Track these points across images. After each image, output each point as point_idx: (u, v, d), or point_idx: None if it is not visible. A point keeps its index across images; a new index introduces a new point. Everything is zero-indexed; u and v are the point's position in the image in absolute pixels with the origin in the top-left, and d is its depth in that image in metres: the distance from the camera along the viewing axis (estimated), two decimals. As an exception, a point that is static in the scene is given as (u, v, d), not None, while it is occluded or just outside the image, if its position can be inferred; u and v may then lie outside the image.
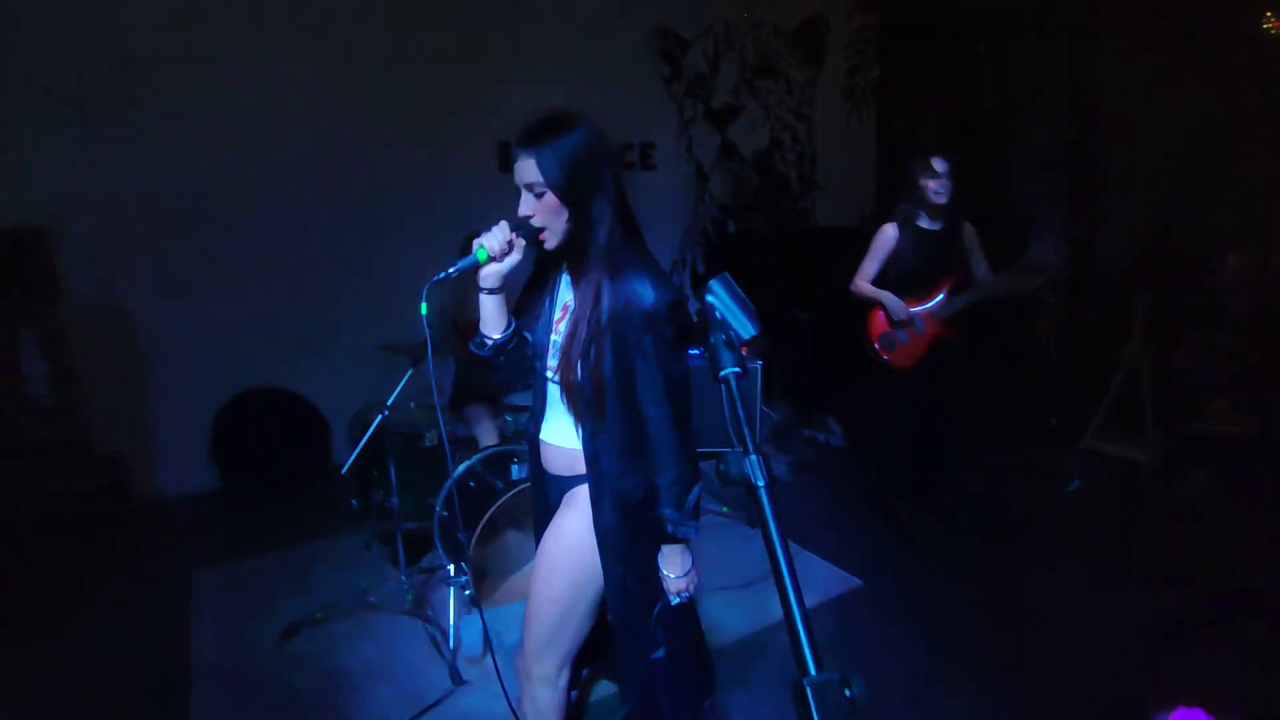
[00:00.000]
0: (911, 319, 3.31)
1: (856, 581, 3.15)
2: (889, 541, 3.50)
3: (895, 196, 3.37)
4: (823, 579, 3.19)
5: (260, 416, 4.17)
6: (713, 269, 5.76)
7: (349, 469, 2.84)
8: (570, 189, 1.55)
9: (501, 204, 4.78)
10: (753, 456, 0.90)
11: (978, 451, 4.19)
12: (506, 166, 4.75)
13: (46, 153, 3.53)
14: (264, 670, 2.66)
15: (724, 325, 1.00)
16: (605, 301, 1.56)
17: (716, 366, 0.97)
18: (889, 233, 3.31)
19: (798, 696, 0.76)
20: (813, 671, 0.78)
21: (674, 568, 1.68)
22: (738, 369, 0.97)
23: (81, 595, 3.11)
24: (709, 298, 1.04)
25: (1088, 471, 3.98)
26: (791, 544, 3.25)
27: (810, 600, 2.95)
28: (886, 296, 3.31)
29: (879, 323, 3.43)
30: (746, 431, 0.93)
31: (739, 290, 1.04)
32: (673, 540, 1.64)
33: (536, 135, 1.60)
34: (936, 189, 3.15)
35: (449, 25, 4.51)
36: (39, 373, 2.86)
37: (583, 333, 1.59)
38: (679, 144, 5.52)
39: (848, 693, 0.76)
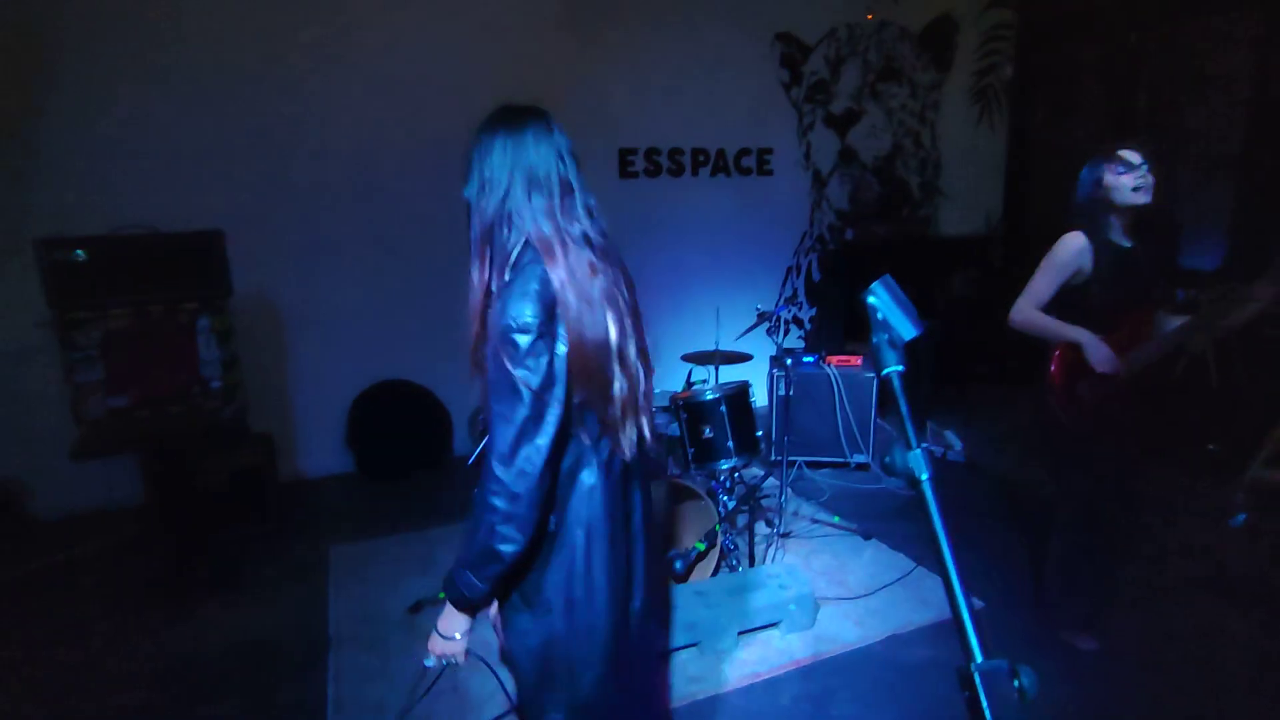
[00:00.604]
0: (1119, 369, 2.44)
1: (977, 603, 3.01)
2: (1017, 563, 3.33)
3: (1029, 206, 3.11)
4: (939, 598, 3.06)
5: (390, 407, 4.47)
6: (828, 276, 5.68)
7: (474, 461, 2.99)
8: (469, 180, 1.54)
9: (620, 208, 4.93)
10: (917, 450, 0.91)
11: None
12: (625, 173, 4.98)
13: (221, 165, 3.96)
14: (392, 642, 2.85)
15: (886, 326, 1.04)
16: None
17: (880, 365, 1.00)
18: (1077, 244, 2.43)
19: (966, 682, 0.76)
20: (980, 659, 0.78)
21: (441, 623, 1.46)
22: (900, 367, 1.00)
23: (241, 561, 3.45)
24: (871, 299, 1.07)
25: (1255, 505, 3.62)
26: (908, 560, 3.15)
27: (927, 617, 2.88)
28: (1084, 336, 2.45)
29: (1069, 368, 2.53)
30: (910, 426, 0.94)
31: (900, 292, 1.07)
32: (451, 588, 1.42)
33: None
34: (1135, 184, 2.37)
35: (571, 32, 4.67)
36: (213, 357, 3.20)
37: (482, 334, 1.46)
38: (797, 149, 5.47)
39: (1016, 683, 0.76)
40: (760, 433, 3.31)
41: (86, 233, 3.16)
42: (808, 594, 2.85)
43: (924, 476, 0.92)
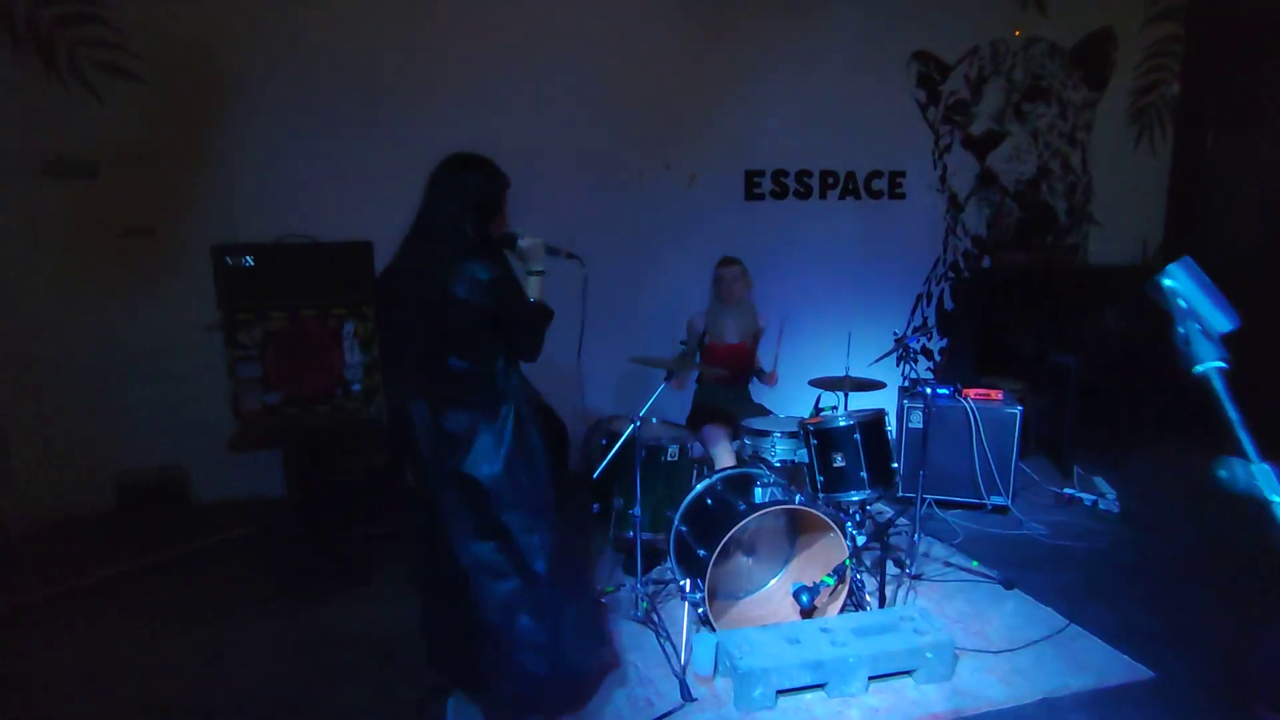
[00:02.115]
0: None
1: (1146, 672, 2.68)
2: (1189, 627, 2.95)
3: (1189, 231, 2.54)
4: (1100, 661, 2.76)
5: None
6: (961, 305, 5.37)
7: (598, 475, 2.99)
8: None
9: (745, 230, 4.87)
10: (1265, 465, 0.74)
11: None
12: (751, 195, 4.92)
13: (374, 181, 4.20)
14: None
15: (1193, 314, 0.85)
16: None
17: (1191, 360, 0.81)
18: None
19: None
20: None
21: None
22: (1222, 363, 0.81)
23: (370, 558, 3.58)
24: (1168, 282, 0.89)
25: None
26: (1058, 615, 2.86)
27: (1085, 683, 2.60)
28: None
29: None
30: (1245, 436, 0.77)
31: (1205, 276, 0.90)
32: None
33: None
34: None
35: (700, 53, 4.68)
36: (355, 361, 3.37)
37: None
38: (932, 172, 5.24)
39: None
40: (895, 465, 3.13)
41: (254, 241, 3.41)
42: (946, 642, 2.64)
43: (1276, 498, 0.74)
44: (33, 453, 3.89)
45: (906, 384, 4.04)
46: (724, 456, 3.46)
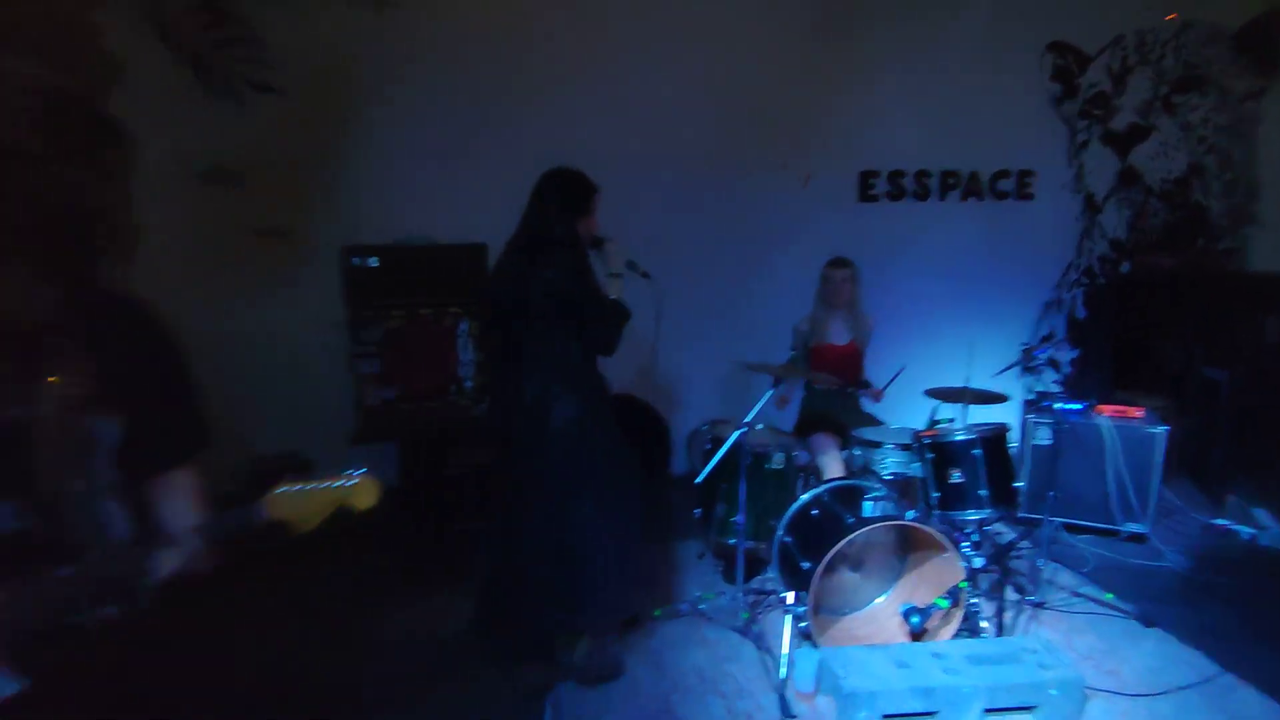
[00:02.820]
0: None
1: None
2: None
3: None
4: (1259, 717, 2.46)
5: (616, 421, 4.58)
6: (1096, 314, 4.97)
7: (702, 480, 2.95)
8: None
9: (858, 233, 4.71)
10: None
11: None
12: (865, 196, 4.74)
13: (489, 185, 4.34)
14: (609, 649, 2.86)
15: None
16: None
17: None
18: None
19: None
20: None
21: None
22: None
23: (475, 553, 3.69)
24: None
25: None
26: (1207, 660, 2.58)
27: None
28: None
29: None
30: None
31: None
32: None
33: None
34: None
35: (812, 48, 4.57)
36: (468, 359, 3.49)
37: None
38: (1066, 171, 4.88)
39: None
40: (1018, 484, 2.92)
41: (378, 242, 3.60)
42: (1075, 680, 2.42)
43: None
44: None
45: (1033, 398, 3.78)
46: (832, 466, 3.34)
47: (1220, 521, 3.84)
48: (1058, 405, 3.46)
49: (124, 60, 3.86)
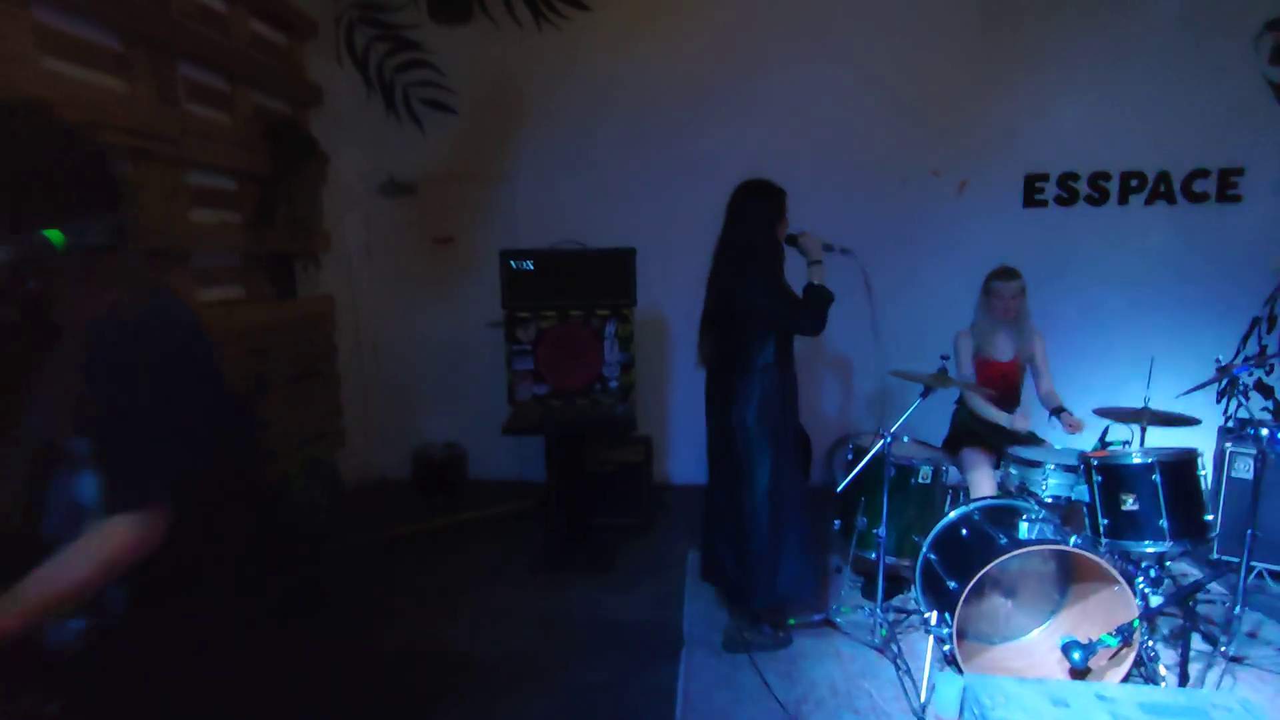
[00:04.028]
0: None
1: None
2: None
3: None
4: None
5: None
6: (1317, 331, 4.31)
7: (842, 490, 2.88)
8: None
9: (1023, 240, 4.40)
10: None
11: None
12: (1032, 201, 4.41)
13: (639, 192, 4.51)
14: (740, 654, 2.85)
15: None
16: None
17: None
18: None
19: None
20: None
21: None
22: None
23: (614, 547, 3.81)
24: None
25: None
26: None
27: None
28: None
29: None
30: None
31: None
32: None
33: None
34: None
35: (975, 38, 4.34)
36: (614, 359, 3.61)
37: None
38: (1286, 167, 4.27)
39: None
40: (1209, 518, 2.60)
41: (534, 246, 3.82)
42: (1277, 745, 2.12)
43: None
44: (358, 423, 4.73)
45: (1233, 424, 3.34)
46: (983, 484, 3.13)
47: None
48: (1264, 433, 3.03)
49: (322, 87, 4.37)
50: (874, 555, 2.88)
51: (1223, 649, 2.73)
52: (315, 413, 4.25)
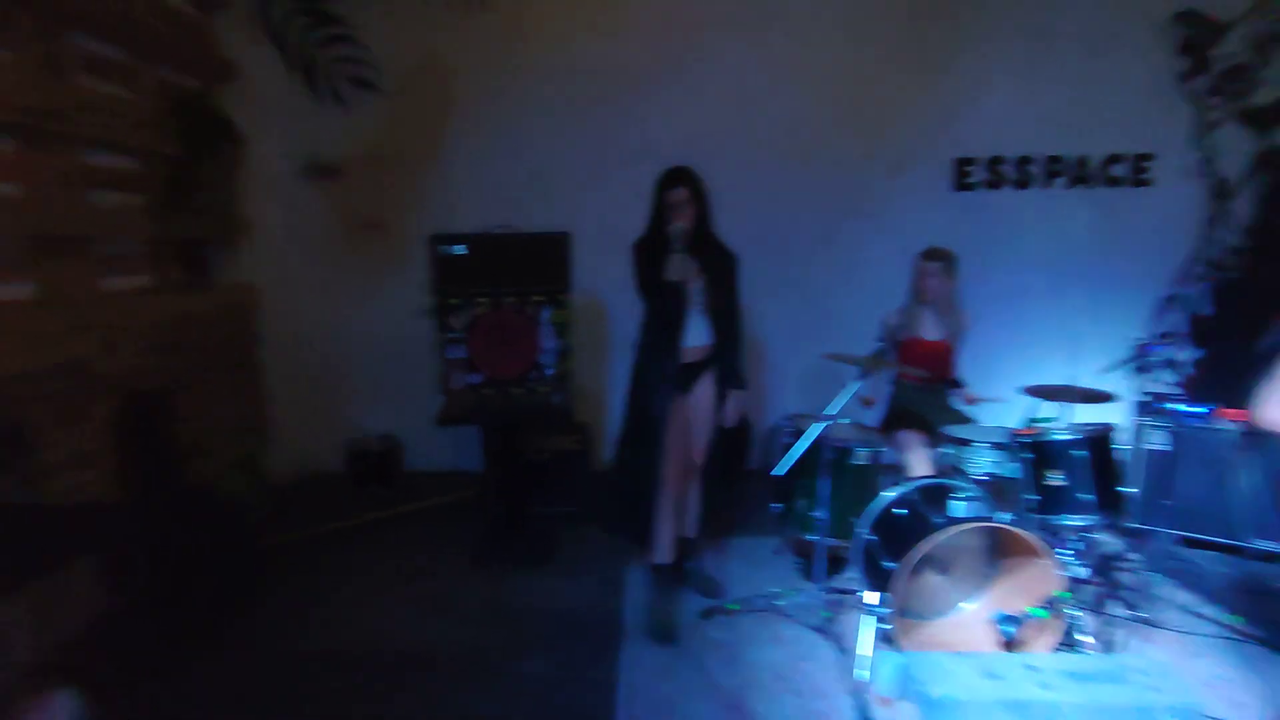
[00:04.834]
0: None
1: None
2: None
3: None
4: None
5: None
6: (1225, 312, 4.55)
7: (781, 473, 2.88)
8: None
9: (953, 223, 4.50)
10: None
11: None
12: (962, 184, 4.51)
13: (573, 176, 4.41)
14: (682, 643, 2.84)
15: None
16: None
17: None
18: None
19: None
20: None
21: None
22: None
23: (553, 537, 3.74)
24: None
25: None
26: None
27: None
28: None
29: None
30: None
31: None
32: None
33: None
34: None
35: (905, 26, 4.39)
36: (550, 347, 3.53)
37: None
38: (1192, 154, 4.47)
39: None
40: (1127, 490, 2.70)
41: (465, 230, 3.69)
42: (1192, 708, 2.21)
43: None
44: (287, 416, 4.52)
45: (1147, 399, 3.49)
46: (919, 464, 3.19)
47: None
48: (1176, 408, 3.18)
49: (236, 62, 4.11)
50: (813, 537, 2.90)
51: (1139, 614, 2.86)
52: (239, 407, 4.04)
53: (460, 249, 3.49)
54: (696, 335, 2.98)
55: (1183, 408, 3.48)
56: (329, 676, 2.67)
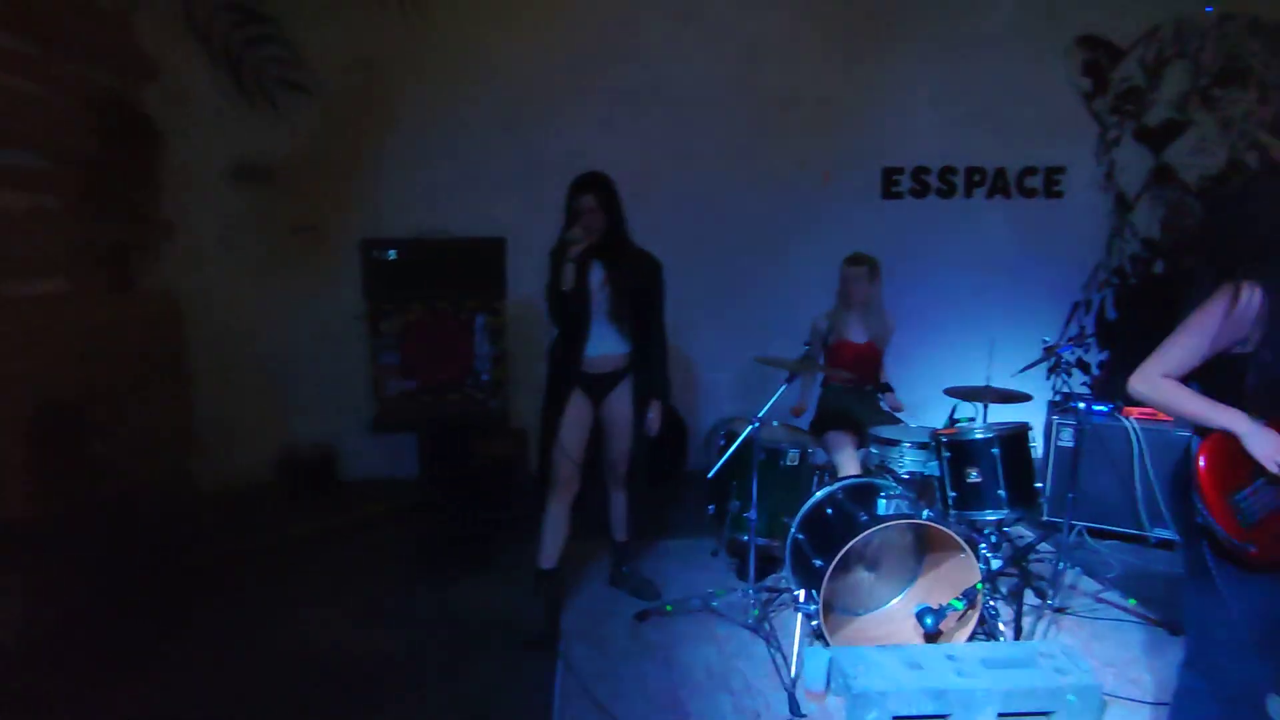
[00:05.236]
0: None
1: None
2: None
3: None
4: (1285, 726, 2.38)
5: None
6: (1126, 315, 4.86)
7: (714, 475, 2.94)
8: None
9: (881, 231, 4.66)
10: None
11: None
12: (889, 193, 4.69)
13: (509, 183, 4.40)
14: (618, 645, 2.87)
15: None
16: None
17: None
18: (1253, 301, 1.68)
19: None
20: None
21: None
22: None
23: (491, 541, 3.73)
24: None
25: None
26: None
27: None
28: (1238, 419, 1.70)
29: (1226, 466, 1.72)
30: None
31: None
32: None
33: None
34: None
35: (837, 41, 4.55)
36: (485, 353, 3.53)
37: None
38: (1096, 168, 4.77)
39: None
40: (1039, 485, 2.86)
41: (398, 235, 3.66)
42: (1093, 686, 2.37)
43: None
44: (216, 425, 4.37)
45: (1058, 398, 3.70)
46: (848, 464, 3.31)
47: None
48: (1082, 406, 3.38)
49: (159, 59, 3.97)
50: (746, 538, 2.98)
51: (1049, 602, 3.03)
52: (165, 417, 3.89)
53: (393, 254, 3.46)
54: (604, 344, 2.91)
55: (1089, 406, 3.70)
56: (264, 690, 2.61)
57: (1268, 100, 4.76)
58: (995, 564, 2.84)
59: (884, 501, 2.76)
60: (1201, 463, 1.76)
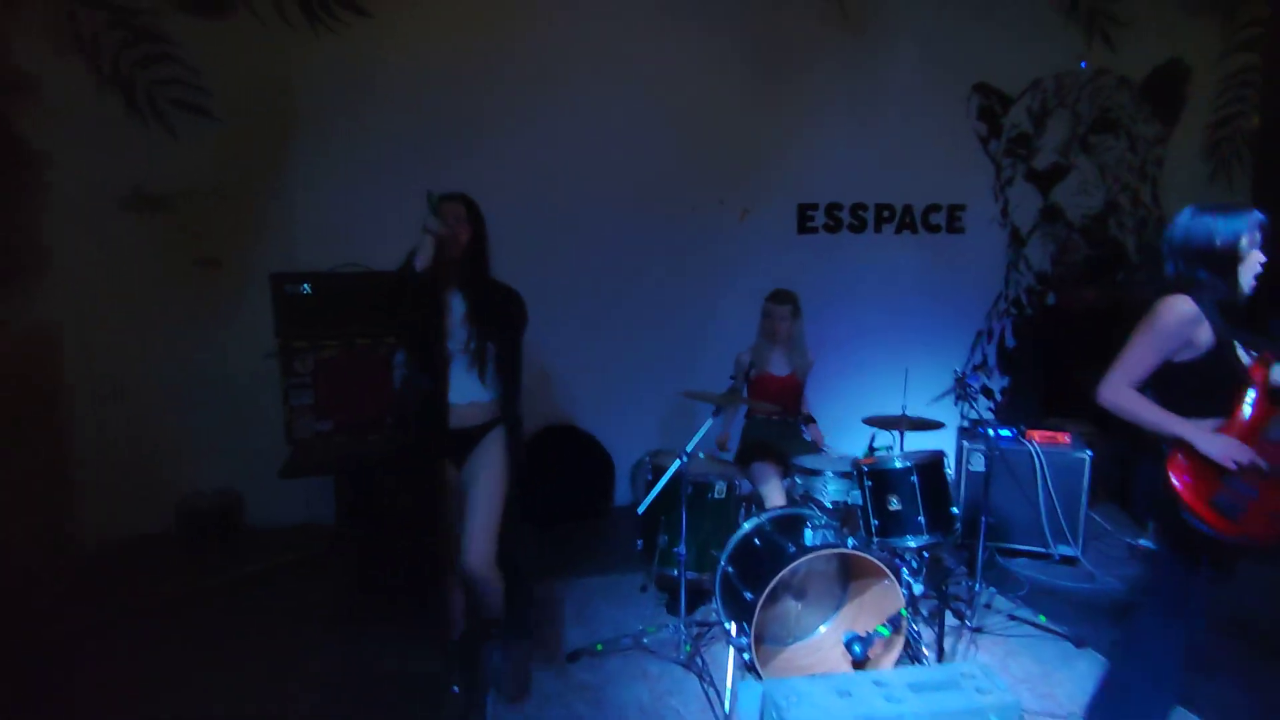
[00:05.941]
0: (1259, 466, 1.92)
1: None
2: None
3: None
4: (1184, 732, 2.54)
5: (556, 452, 4.51)
6: (1024, 343, 5.17)
7: (643, 511, 2.91)
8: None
9: (797, 264, 4.77)
10: None
11: None
12: (804, 229, 4.85)
13: (424, 215, 4.28)
14: (549, 688, 2.78)
15: None
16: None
17: None
18: (1185, 312, 1.98)
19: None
20: None
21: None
22: None
23: (412, 588, 3.55)
24: None
25: None
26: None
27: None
28: (1187, 427, 1.95)
29: (1196, 476, 1.94)
30: None
31: None
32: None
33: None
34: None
35: (750, 84, 4.68)
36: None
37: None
38: (993, 206, 5.09)
39: None
40: (955, 509, 2.97)
41: (312, 268, 3.49)
42: (1013, 704, 2.44)
43: None
44: (104, 474, 4.02)
45: (967, 424, 3.88)
46: (773, 495, 3.35)
47: (1144, 542, 3.98)
48: (990, 432, 3.56)
49: (35, 74, 3.69)
50: (676, 572, 2.96)
51: (967, 623, 3.14)
52: (34, 465, 3.54)
53: (307, 288, 3.30)
54: (468, 391, 2.55)
55: (995, 431, 3.90)
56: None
57: (1135, 149, 5.22)
58: (917, 588, 2.92)
59: (810, 531, 2.80)
60: (1177, 485, 1.93)
